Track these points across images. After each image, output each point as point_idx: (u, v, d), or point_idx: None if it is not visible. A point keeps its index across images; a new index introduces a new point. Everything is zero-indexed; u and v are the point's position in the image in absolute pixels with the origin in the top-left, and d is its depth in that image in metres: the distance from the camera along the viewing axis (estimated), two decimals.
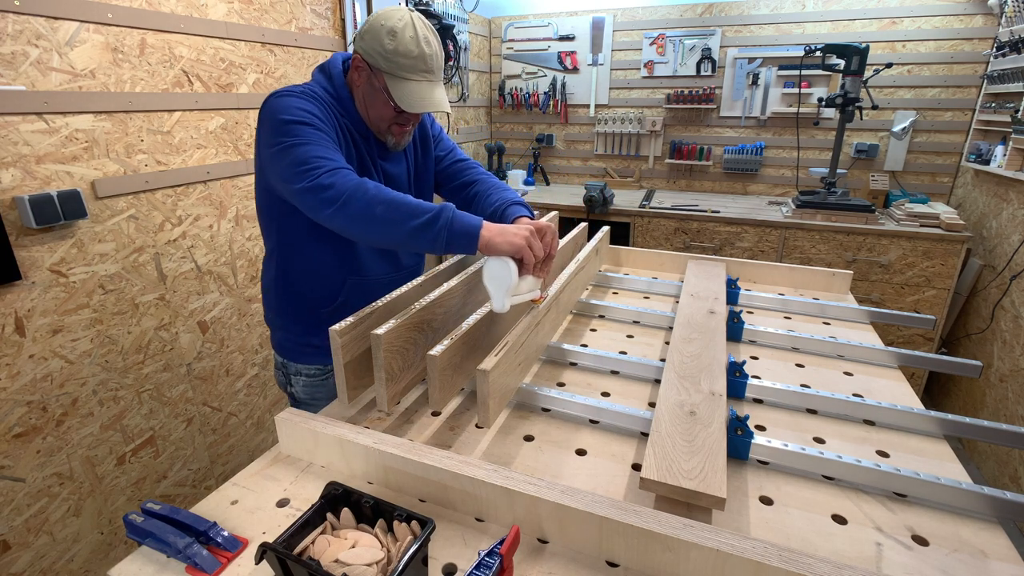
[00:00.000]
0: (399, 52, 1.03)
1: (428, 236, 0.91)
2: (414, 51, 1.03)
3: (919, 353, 1.15)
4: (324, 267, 1.17)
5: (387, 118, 1.11)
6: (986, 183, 2.56)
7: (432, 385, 0.87)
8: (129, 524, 0.67)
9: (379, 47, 1.03)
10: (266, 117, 1.02)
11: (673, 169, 3.42)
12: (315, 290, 1.19)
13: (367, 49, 1.05)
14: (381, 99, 1.08)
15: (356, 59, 1.08)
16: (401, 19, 1.04)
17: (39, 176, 1.31)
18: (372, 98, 1.09)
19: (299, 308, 1.22)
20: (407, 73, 1.05)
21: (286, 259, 1.19)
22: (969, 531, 0.73)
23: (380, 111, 1.10)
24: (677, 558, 0.63)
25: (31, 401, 1.35)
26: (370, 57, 1.05)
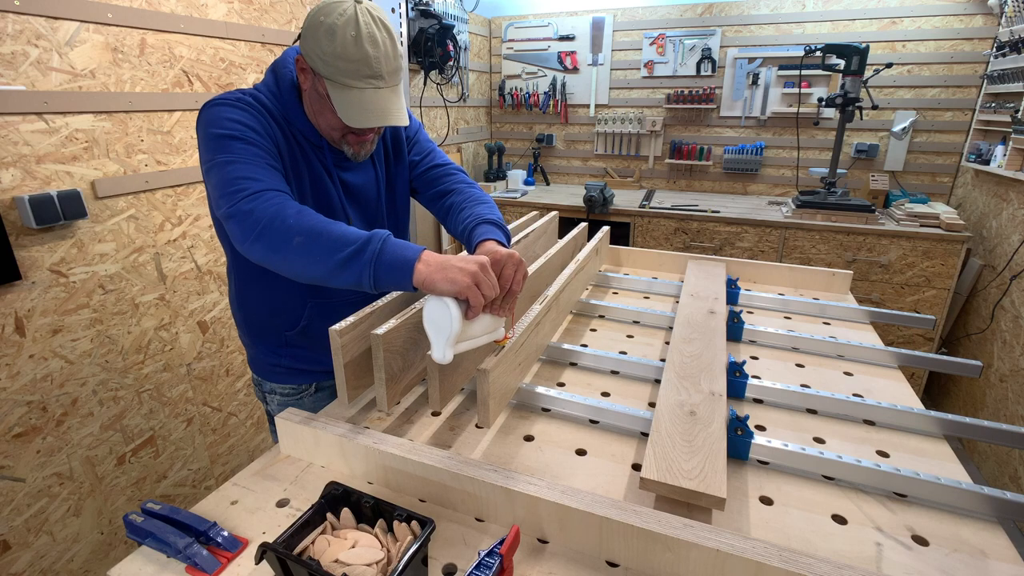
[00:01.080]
0: (338, 55, 0.86)
1: (353, 271, 0.77)
2: (354, 54, 0.86)
3: (919, 353, 1.15)
4: (282, 291, 1.05)
5: (337, 127, 0.96)
6: (986, 183, 2.56)
7: (432, 385, 0.87)
8: (129, 524, 0.67)
9: (318, 48, 0.87)
10: (199, 130, 0.90)
11: (673, 169, 3.42)
12: (276, 314, 1.09)
13: (307, 51, 0.89)
14: (328, 107, 0.92)
15: (300, 60, 0.93)
16: (342, 14, 0.85)
17: (39, 176, 1.31)
18: (319, 105, 0.94)
19: (263, 330, 1.12)
20: (349, 79, 0.88)
21: (244, 282, 1.08)
22: (969, 531, 0.73)
23: (328, 120, 0.95)
24: (677, 558, 0.63)
25: (31, 401, 1.35)
26: (311, 60, 0.89)
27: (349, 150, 1.01)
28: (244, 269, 1.06)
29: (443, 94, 3.03)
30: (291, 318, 1.08)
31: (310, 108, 0.97)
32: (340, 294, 1.09)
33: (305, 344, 1.12)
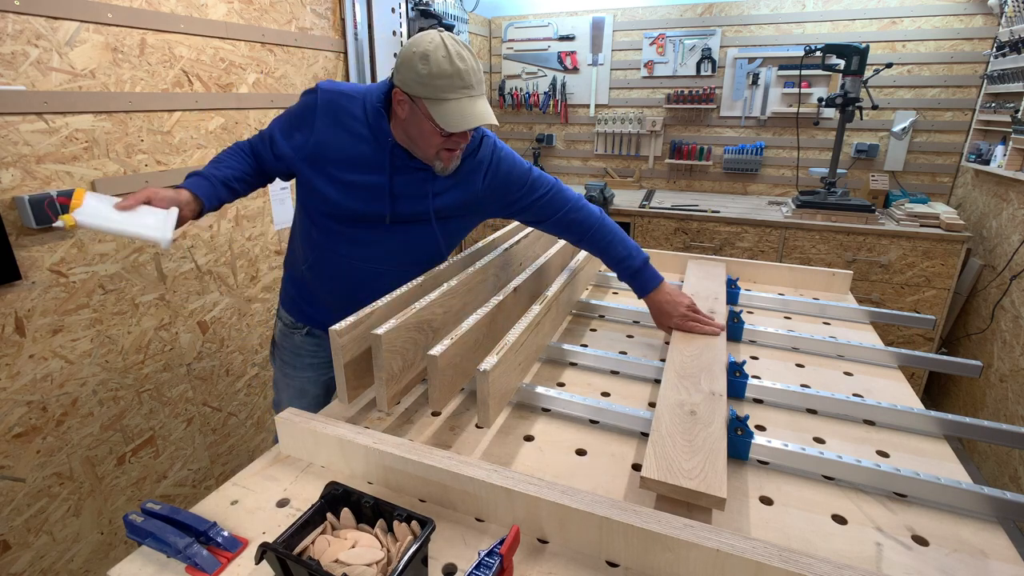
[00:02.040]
0: (434, 75, 1.01)
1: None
2: (448, 69, 1.01)
3: (919, 353, 1.15)
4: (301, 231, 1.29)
5: (435, 144, 1.09)
6: (986, 183, 2.56)
7: (432, 385, 0.87)
8: (129, 524, 0.67)
9: (414, 75, 1.02)
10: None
11: (673, 169, 3.42)
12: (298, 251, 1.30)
13: (404, 80, 1.05)
14: (427, 127, 1.06)
15: (397, 94, 1.08)
16: (431, 41, 1.02)
17: (39, 176, 1.31)
18: (418, 128, 1.08)
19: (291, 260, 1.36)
20: (445, 93, 1.03)
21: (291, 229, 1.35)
22: (969, 531, 0.73)
23: (427, 139, 1.09)
24: (677, 558, 0.63)
25: (31, 401, 1.35)
26: (408, 87, 1.04)
27: (440, 164, 1.13)
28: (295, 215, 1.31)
29: None
30: (304, 254, 1.28)
31: (407, 134, 1.11)
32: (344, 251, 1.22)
33: (307, 281, 1.30)
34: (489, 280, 1.23)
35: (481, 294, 1.19)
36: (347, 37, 2.22)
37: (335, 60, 2.20)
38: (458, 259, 1.27)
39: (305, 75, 2.06)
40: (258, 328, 2.02)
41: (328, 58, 2.16)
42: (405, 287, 1.06)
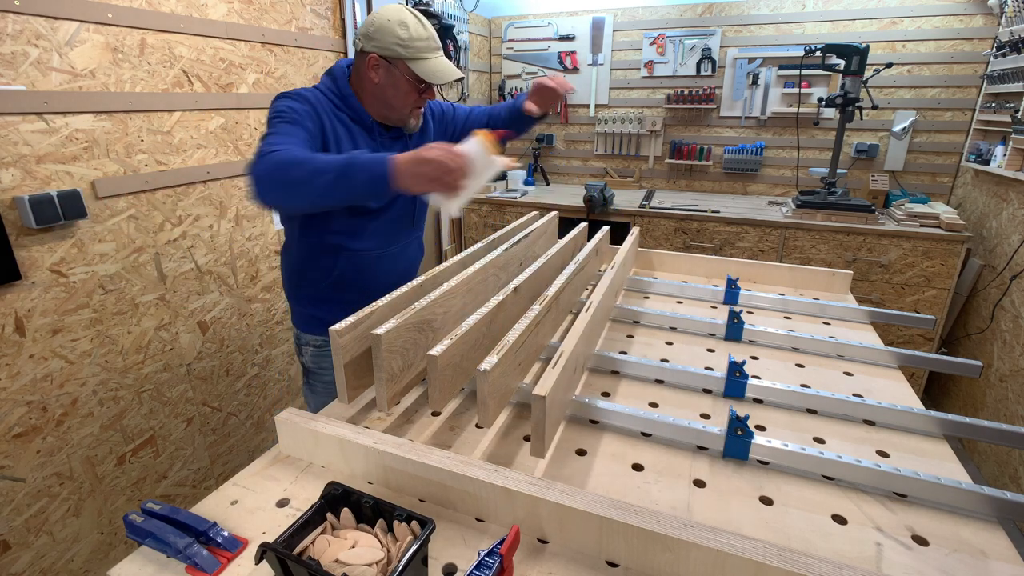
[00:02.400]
0: (413, 38, 1.17)
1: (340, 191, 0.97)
2: (424, 33, 1.19)
3: (919, 353, 1.15)
4: (320, 246, 1.30)
5: (410, 102, 1.24)
6: (986, 183, 2.56)
7: (432, 385, 0.87)
8: (129, 524, 0.67)
9: (394, 39, 1.16)
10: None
11: (673, 169, 3.42)
12: (314, 267, 1.33)
13: (382, 45, 1.17)
14: (403, 85, 1.21)
15: (372, 59, 1.18)
16: (402, 12, 1.18)
17: (39, 176, 1.31)
18: (395, 88, 1.21)
19: (303, 284, 1.36)
20: (424, 53, 1.19)
21: (294, 244, 1.34)
22: (969, 531, 0.73)
23: (404, 98, 1.23)
24: (677, 558, 0.63)
25: (31, 401, 1.35)
26: (387, 50, 1.17)
27: (412, 121, 1.28)
28: (297, 228, 1.30)
29: (443, 94, 3.03)
30: (326, 268, 1.31)
31: (382, 95, 1.22)
32: (367, 246, 1.32)
33: (337, 297, 1.33)
34: (489, 280, 1.23)
35: (481, 294, 1.19)
36: (347, 37, 2.22)
37: (335, 60, 2.20)
38: (458, 259, 1.27)
39: (305, 75, 2.06)
40: (258, 328, 2.02)
41: (328, 58, 2.16)
42: (405, 287, 1.06)
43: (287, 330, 2.17)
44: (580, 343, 0.95)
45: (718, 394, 1.05)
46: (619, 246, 1.54)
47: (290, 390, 2.24)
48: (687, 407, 1.01)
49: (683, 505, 0.77)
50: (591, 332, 1.08)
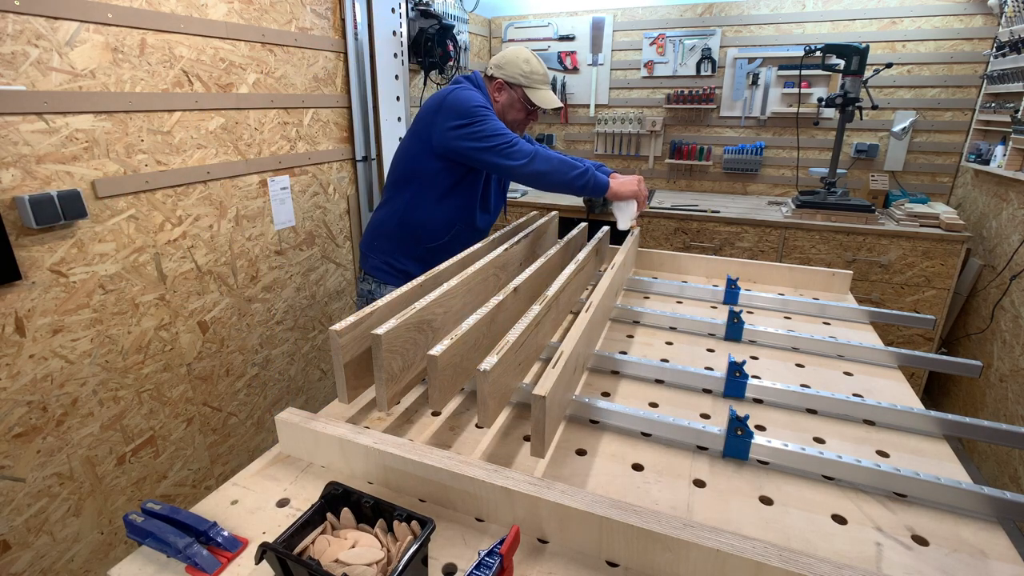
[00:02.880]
0: (534, 71, 1.61)
1: (581, 181, 1.50)
2: (540, 69, 1.62)
3: (919, 353, 1.15)
4: (441, 218, 1.63)
5: (521, 121, 1.67)
6: (986, 183, 2.56)
7: (432, 385, 0.87)
8: (129, 524, 0.67)
9: (519, 71, 1.60)
10: (452, 104, 1.49)
11: (673, 169, 3.42)
12: (429, 231, 1.63)
13: (509, 73, 1.60)
14: (518, 107, 1.64)
15: (498, 83, 1.63)
16: (527, 51, 1.63)
17: (39, 176, 1.31)
18: (512, 107, 1.64)
19: (411, 241, 1.64)
20: (539, 84, 1.62)
21: (413, 208, 1.61)
22: (969, 531, 0.73)
23: (517, 115, 1.66)
24: (677, 558, 0.63)
25: (31, 401, 1.35)
26: (512, 78, 1.60)
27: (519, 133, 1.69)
28: (421, 196, 1.60)
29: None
30: (438, 235, 1.64)
31: (502, 112, 1.64)
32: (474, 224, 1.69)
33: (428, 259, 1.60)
34: (489, 280, 1.23)
35: (481, 294, 1.19)
36: (347, 37, 2.22)
37: (335, 60, 2.21)
38: (458, 259, 1.27)
39: (305, 75, 2.06)
40: (258, 328, 2.02)
41: (328, 58, 2.17)
42: (405, 287, 1.06)
43: (287, 330, 2.17)
44: (580, 343, 0.95)
45: (718, 394, 1.05)
46: (619, 246, 1.54)
47: (290, 390, 2.24)
48: (687, 407, 1.01)
49: (683, 505, 0.77)
50: (591, 332, 1.08)
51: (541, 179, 1.47)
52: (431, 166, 1.55)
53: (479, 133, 1.45)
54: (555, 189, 1.51)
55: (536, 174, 1.46)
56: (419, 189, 1.59)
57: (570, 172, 1.47)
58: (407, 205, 1.62)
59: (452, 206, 1.61)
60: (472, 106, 1.47)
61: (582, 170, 1.49)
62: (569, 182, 1.48)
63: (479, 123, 1.46)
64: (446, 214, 1.61)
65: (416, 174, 1.59)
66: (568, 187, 1.48)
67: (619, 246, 1.54)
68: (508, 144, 1.44)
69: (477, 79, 1.63)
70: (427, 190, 1.59)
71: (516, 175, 1.47)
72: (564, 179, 1.47)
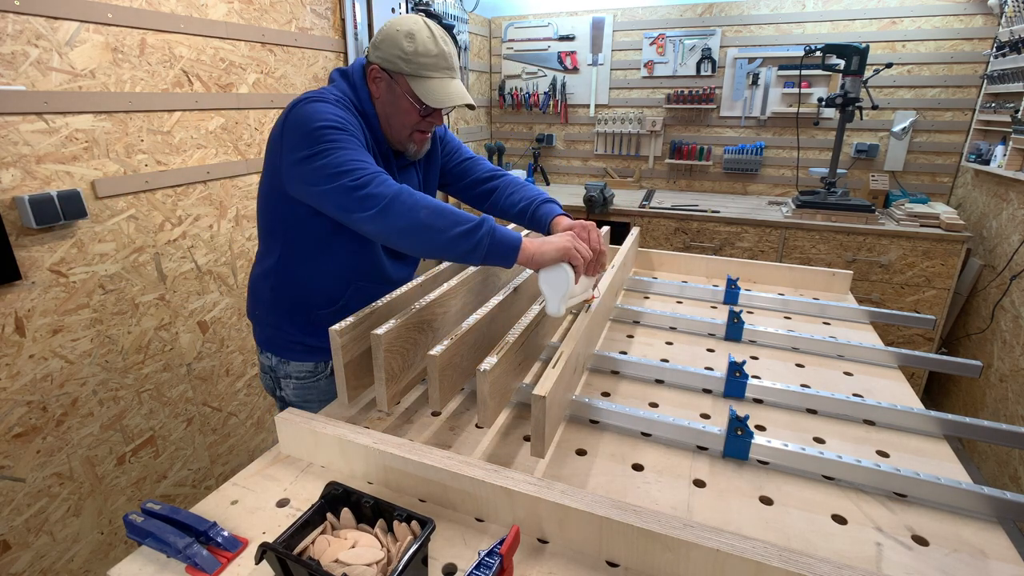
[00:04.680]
0: (419, 52, 1.05)
1: (468, 244, 0.91)
2: (433, 50, 1.06)
3: (919, 353, 1.15)
4: (330, 274, 1.16)
5: (410, 124, 1.12)
6: (986, 183, 2.56)
7: (432, 385, 0.87)
8: (129, 524, 0.67)
9: (398, 51, 1.05)
10: (296, 123, 0.99)
11: (673, 169, 3.42)
12: (316, 294, 1.18)
13: (386, 56, 1.06)
14: (404, 104, 1.09)
15: (373, 70, 1.09)
16: (416, 22, 1.07)
17: (39, 176, 1.31)
18: (394, 106, 1.10)
19: (296, 308, 1.19)
20: (429, 72, 1.06)
21: (289, 265, 1.16)
22: (969, 531, 0.73)
23: (403, 118, 1.11)
24: (677, 558, 0.63)
25: (31, 401, 1.35)
26: (389, 63, 1.07)
27: (412, 148, 1.16)
28: (295, 248, 1.15)
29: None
30: (331, 297, 1.18)
31: (383, 113, 1.12)
32: (379, 278, 1.21)
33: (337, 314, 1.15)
34: (489, 280, 1.23)
35: (481, 294, 1.19)
36: (347, 37, 2.22)
37: (335, 60, 2.20)
38: None
39: (305, 75, 2.06)
40: None
41: (328, 58, 2.16)
42: (406, 287, 1.06)
43: None
44: (580, 343, 0.95)
45: (718, 394, 1.05)
46: (619, 246, 1.54)
47: None
48: (687, 407, 1.01)
49: (683, 505, 0.77)
50: (591, 332, 1.08)
51: (403, 237, 0.92)
52: (297, 209, 1.08)
53: (321, 168, 0.94)
54: (429, 253, 0.97)
55: (393, 230, 0.91)
56: (291, 240, 1.14)
57: (451, 229, 0.91)
58: (280, 263, 1.16)
59: (342, 257, 1.14)
60: (315, 127, 0.97)
61: (470, 226, 0.91)
62: (449, 244, 0.91)
63: (322, 153, 0.95)
64: (335, 269, 1.15)
65: (282, 221, 1.12)
66: (448, 250, 0.93)
67: (619, 246, 1.54)
68: (355, 184, 0.91)
69: (354, 75, 1.13)
70: (302, 240, 1.13)
71: (365, 230, 0.94)
72: (440, 240, 0.91)
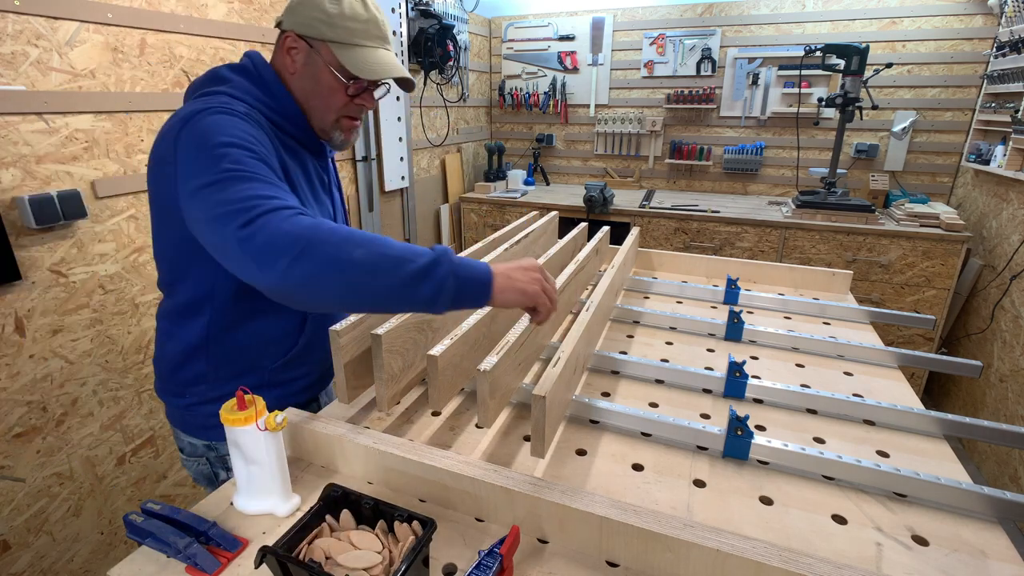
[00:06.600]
0: (346, 16, 0.86)
1: (431, 284, 0.67)
2: (363, 13, 0.88)
3: (919, 353, 1.15)
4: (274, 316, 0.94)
5: (335, 106, 0.92)
6: (986, 183, 2.56)
7: (432, 385, 0.87)
8: (129, 524, 0.67)
9: (319, 13, 0.86)
10: (187, 144, 0.75)
11: (673, 169, 3.42)
12: (271, 346, 0.97)
13: (303, 20, 0.87)
14: (327, 80, 0.89)
15: (287, 40, 0.88)
16: None
17: (39, 176, 1.31)
18: (315, 81, 0.90)
19: (243, 375, 0.95)
20: (358, 39, 0.88)
21: (228, 328, 0.93)
22: (969, 531, 0.73)
23: (327, 98, 0.91)
24: (677, 558, 0.63)
25: (31, 401, 1.35)
26: (309, 28, 0.86)
27: (340, 137, 0.97)
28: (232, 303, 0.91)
29: (443, 94, 3.03)
30: (285, 345, 0.98)
31: (301, 94, 0.91)
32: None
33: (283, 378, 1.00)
34: None
35: None
36: None
37: None
38: None
39: None
40: None
41: None
42: None
43: None
44: (580, 343, 0.95)
45: (718, 394, 1.05)
46: (619, 246, 1.54)
47: None
48: (687, 407, 1.01)
49: (683, 505, 0.77)
50: (591, 332, 1.08)
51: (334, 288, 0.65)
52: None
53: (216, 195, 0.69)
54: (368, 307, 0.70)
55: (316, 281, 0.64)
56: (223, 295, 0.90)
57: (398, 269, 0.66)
58: (211, 329, 0.92)
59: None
60: (216, 143, 0.73)
61: (425, 262, 0.67)
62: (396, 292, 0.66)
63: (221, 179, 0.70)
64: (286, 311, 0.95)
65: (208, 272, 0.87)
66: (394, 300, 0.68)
67: (619, 246, 1.54)
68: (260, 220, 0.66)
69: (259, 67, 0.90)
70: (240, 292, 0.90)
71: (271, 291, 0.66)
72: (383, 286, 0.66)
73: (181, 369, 0.96)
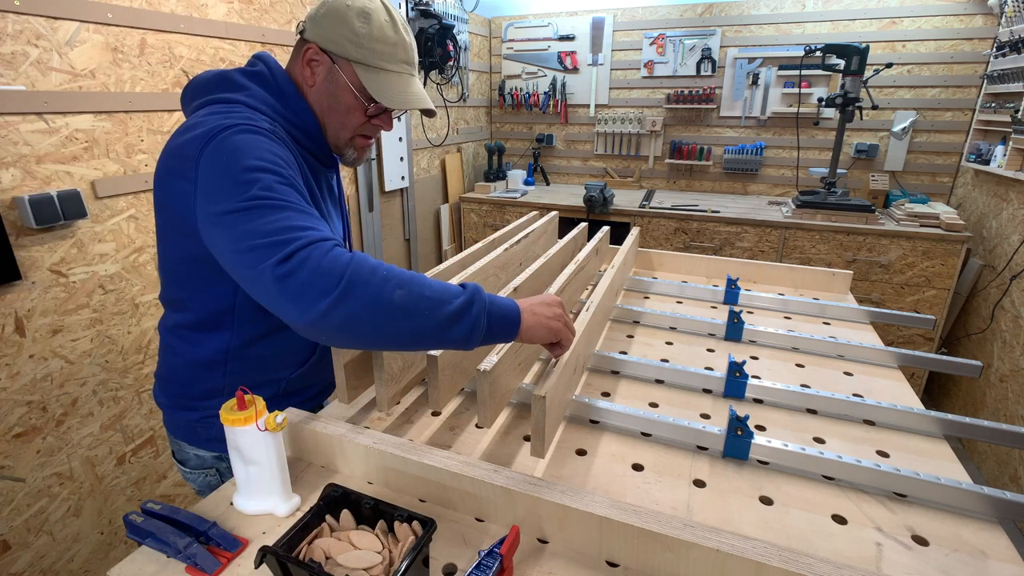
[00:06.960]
0: (374, 37, 0.83)
1: (462, 328, 0.68)
2: (392, 36, 0.85)
3: (919, 353, 1.15)
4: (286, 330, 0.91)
5: (352, 125, 0.90)
6: (986, 183, 2.56)
7: (432, 385, 0.87)
8: (129, 524, 0.67)
9: (347, 31, 0.82)
10: (209, 162, 0.71)
11: (673, 169, 3.42)
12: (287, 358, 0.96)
13: (328, 36, 0.84)
14: (346, 99, 0.87)
15: (309, 51, 0.85)
16: (372, 1, 0.85)
17: (39, 176, 1.31)
18: (333, 99, 0.87)
19: (260, 387, 0.94)
20: (384, 62, 0.85)
21: (250, 342, 0.90)
22: (969, 531, 0.73)
23: (344, 116, 0.88)
24: (677, 558, 0.63)
25: (31, 401, 1.35)
26: (334, 44, 0.84)
27: (352, 155, 0.96)
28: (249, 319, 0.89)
29: (443, 94, 3.03)
30: (302, 356, 0.98)
31: (318, 107, 0.89)
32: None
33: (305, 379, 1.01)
34: (489, 280, 1.23)
35: None
36: None
37: None
38: (458, 259, 1.27)
39: None
40: None
41: None
42: None
43: None
44: (580, 343, 0.95)
45: (718, 394, 1.05)
46: (619, 246, 1.55)
47: None
48: (687, 407, 1.01)
49: (683, 505, 0.77)
50: (591, 332, 1.08)
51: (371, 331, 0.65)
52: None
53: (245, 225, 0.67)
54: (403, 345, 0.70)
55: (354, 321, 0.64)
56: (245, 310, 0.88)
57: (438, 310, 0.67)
58: (233, 341, 0.90)
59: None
60: (245, 166, 0.70)
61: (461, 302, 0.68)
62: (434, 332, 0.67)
63: (251, 209, 0.68)
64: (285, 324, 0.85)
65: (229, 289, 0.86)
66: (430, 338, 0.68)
67: (619, 246, 1.54)
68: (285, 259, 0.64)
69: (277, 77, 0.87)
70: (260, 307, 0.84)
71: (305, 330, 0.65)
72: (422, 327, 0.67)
73: (194, 384, 0.93)
